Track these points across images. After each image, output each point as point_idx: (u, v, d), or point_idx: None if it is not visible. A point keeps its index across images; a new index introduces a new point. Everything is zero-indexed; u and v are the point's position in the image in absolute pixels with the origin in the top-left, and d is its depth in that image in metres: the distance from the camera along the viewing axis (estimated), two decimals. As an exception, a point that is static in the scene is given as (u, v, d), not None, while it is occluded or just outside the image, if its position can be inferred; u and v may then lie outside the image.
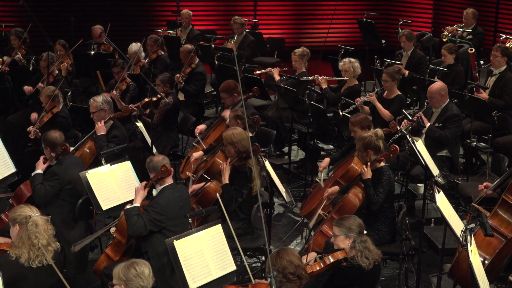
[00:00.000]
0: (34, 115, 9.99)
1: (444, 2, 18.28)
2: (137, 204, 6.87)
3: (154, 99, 9.88)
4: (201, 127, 9.91)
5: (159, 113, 10.21)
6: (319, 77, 11.18)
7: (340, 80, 11.30)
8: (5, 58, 12.29)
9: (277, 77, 11.49)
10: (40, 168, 7.78)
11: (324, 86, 11.18)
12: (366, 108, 10.19)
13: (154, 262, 6.70)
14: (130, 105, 9.97)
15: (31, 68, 11.84)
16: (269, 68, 11.96)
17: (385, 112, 9.94)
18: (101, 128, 8.85)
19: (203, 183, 8.15)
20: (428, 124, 9.31)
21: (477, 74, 12.02)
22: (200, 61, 12.17)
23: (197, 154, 8.98)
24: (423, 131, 9.33)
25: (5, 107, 10.80)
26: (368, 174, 7.57)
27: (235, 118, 8.82)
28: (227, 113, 9.50)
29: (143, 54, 12.58)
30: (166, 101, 10.17)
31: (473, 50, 12.07)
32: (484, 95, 10.42)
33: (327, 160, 9.07)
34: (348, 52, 12.24)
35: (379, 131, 7.89)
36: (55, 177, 7.64)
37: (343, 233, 6.33)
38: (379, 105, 10.01)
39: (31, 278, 5.93)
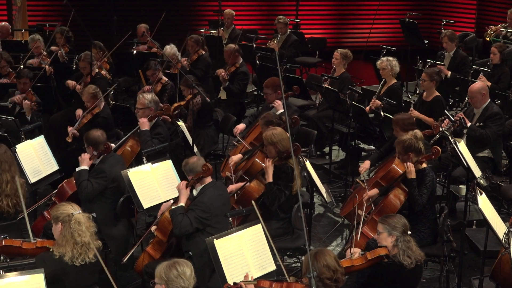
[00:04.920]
0: (79, 111, 9.99)
1: (487, 2, 18.09)
2: (181, 203, 6.87)
3: (182, 103, 9.90)
4: (241, 126, 9.91)
5: (191, 115, 10.20)
6: None
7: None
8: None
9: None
10: (85, 164, 7.75)
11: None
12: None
13: (196, 261, 6.72)
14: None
15: (74, 67, 11.92)
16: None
17: (430, 120, 9.73)
18: (145, 123, 8.85)
19: (241, 184, 8.16)
20: (469, 124, 9.19)
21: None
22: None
23: (236, 157, 8.92)
24: (464, 131, 9.23)
25: (49, 106, 10.89)
26: (412, 173, 7.52)
27: (266, 124, 8.67)
28: None
29: (178, 53, 12.59)
30: (194, 102, 10.17)
31: None
32: None
33: (367, 162, 9.01)
34: (390, 53, 12.15)
35: (418, 132, 7.82)
36: (101, 174, 7.66)
37: (386, 231, 6.35)
38: (422, 117, 9.79)
39: (73, 275, 5.98)
